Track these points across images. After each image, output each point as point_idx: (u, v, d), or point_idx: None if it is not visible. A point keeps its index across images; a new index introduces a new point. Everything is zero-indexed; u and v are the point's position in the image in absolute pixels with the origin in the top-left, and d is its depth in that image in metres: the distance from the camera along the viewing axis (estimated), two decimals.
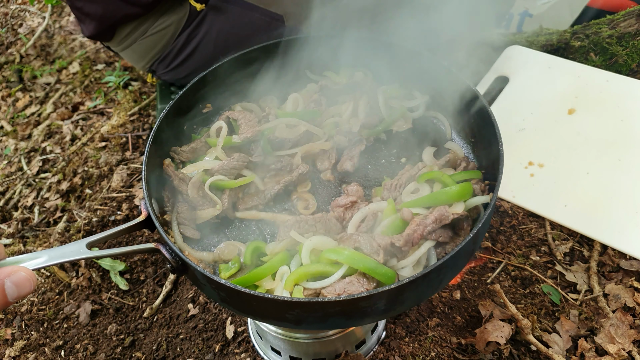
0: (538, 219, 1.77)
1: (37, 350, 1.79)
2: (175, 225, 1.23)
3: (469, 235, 0.93)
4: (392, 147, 1.39)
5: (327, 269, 1.05)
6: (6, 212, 2.36)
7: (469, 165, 1.21)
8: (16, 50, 3.29)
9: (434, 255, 1.07)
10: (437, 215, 1.03)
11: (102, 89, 2.83)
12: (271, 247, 1.14)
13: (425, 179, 1.17)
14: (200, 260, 1.18)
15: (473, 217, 1.10)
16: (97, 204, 2.18)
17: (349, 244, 1.07)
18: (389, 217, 1.12)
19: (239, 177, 1.29)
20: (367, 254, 1.03)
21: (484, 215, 0.98)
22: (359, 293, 0.92)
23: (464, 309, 1.64)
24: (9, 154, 2.64)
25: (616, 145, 1.77)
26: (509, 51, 2.08)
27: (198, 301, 1.78)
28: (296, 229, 1.13)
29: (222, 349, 1.66)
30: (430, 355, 1.53)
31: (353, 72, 1.47)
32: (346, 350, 1.52)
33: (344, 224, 1.17)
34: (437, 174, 1.14)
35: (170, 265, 1.05)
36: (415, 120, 1.42)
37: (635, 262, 1.64)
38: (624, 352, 1.47)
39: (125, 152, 2.41)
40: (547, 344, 1.52)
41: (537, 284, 1.65)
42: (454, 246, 0.94)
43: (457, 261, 0.98)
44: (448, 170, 1.22)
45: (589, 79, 1.94)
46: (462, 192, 1.08)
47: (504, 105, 1.94)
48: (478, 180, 1.15)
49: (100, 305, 1.86)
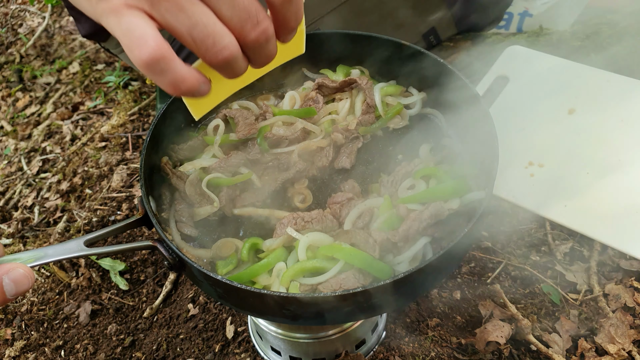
0: (538, 219, 1.76)
1: (37, 350, 1.79)
2: (173, 223, 1.24)
3: (464, 231, 0.94)
4: (389, 144, 1.39)
5: (324, 265, 1.05)
6: (6, 212, 2.36)
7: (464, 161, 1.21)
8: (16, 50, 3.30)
9: (430, 251, 1.07)
10: (433, 211, 1.04)
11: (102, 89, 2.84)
12: (268, 243, 1.14)
13: (421, 175, 1.17)
14: (197, 257, 1.19)
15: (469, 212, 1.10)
16: (97, 204, 2.19)
17: (346, 240, 1.07)
18: (385, 213, 1.12)
19: (236, 174, 1.29)
20: (363, 250, 1.04)
21: (480, 210, 0.98)
22: (355, 288, 0.92)
23: (464, 309, 1.63)
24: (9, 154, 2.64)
25: (616, 145, 1.77)
26: (509, 51, 2.08)
27: (198, 301, 1.78)
28: (293, 225, 1.13)
29: (222, 349, 1.66)
30: (430, 355, 1.53)
31: (349, 70, 1.47)
32: (346, 350, 1.51)
33: (341, 220, 1.17)
34: (433, 170, 1.15)
35: (168, 262, 1.05)
36: (411, 117, 1.42)
37: (635, 262, 1.63)
38: (624, 352, 1.46)
39: (125, 152, 2.41)
40: (547, 344, 1.51)
41: (537, 284, 1.65)
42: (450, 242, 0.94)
43: (452, 256, 0.99)
44: (444, 167, 1.22)
45: (589, 79, 1.93)
46: (457, 187, 1.09)
47: (504, 105, 1.94)
48: (474, 176, 1.15)
49: (100, 305, 1.86)
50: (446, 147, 1.30)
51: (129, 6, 0.67)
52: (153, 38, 0.66)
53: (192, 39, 0.68)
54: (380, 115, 1.40)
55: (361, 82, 1.39)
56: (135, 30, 0.66)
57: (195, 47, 0.70)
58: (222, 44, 0.70)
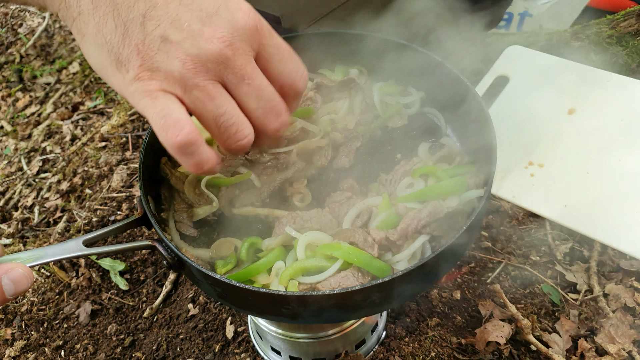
0: (538, 219, 1.76)
1: (37, 350, 1.79)
2: (172, 223, 1.24)
3: (462, 228, 0.94)
4: (388, 143, 1.39)
5: (323, 264, 1.05)
6: (6, 212, 2.36)
7: (463, 160, 1.21)
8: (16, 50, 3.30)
9: (428, 249, 1.07)
10: (432, 210, 1.04)
11: (102, 89, 2.84)
12: (267, 242, 1.14)
13: (419, 173, 1.17)
14: (196, 257, 1.19)
15: (467, 211, 1.11)
16: (97, 204, 2.19)
17: (344, 239, 1.07)
18: (384, 211, 1.13)
19: (235, 174, 1.30)
20: (362, 249, 1.04)
21: (478, 208, 0.98)
22: (353, 286, 0.92)
23: (464, 309, 1.63)
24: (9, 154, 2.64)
25: (616, 145, 1.76)
26: (509, 51, 2.08)
27: (198, 301, 1.78)
28: (291, 224, 1.14)
29: (222, 349, 1.66)
30: (430, 355, 1.53)
31: (348, 70, 1.47)
32: (346, 350, 1.51)
33: (340, 219, 1.17)
34: (431, 168, 1.15)
35: (167, 262, 1.06)
36: (410, 117, 1.42)
37: (635, 262, 1.63)
38: (624, 352, 1.46)
39: (125, 152, 2.41)
40: (547, 344, 1.51)
41: (537, 284, 1.65)
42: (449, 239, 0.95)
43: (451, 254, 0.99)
44: (443, 165, 1.23)
45: (589, 79, 1.93)
46: (456, 186, 1.09)
47: (504, 105, 1.94)
48: (472, 174, 1.15)
49: (100, 305, 1.86)
50: (445, 146, 1.30)
51: (165, 91, 0.72)
52: (188, 123, 0.72)
53: (217, 126, 0.75)
54: (379, 115, 1.40)
55: (360, 81, 1.39)
56: (171, 114, 0.71)
57: (218, 133, 0.77)
58: (245, 134, 0.77)
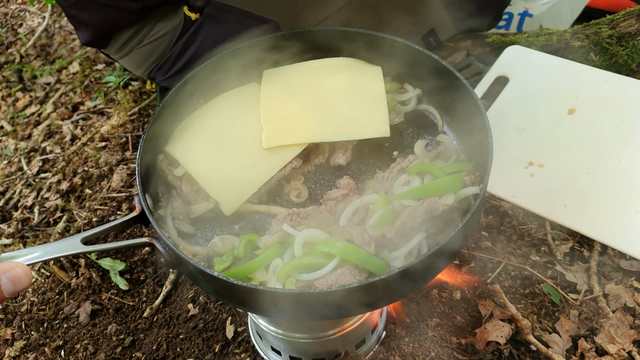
0: (538, 219, 1.76)
1: (37, 350, 1.79)
2: (170, 220, 1.24)
3: (458, 226, 0.94)
4: (384, 140, 1.39)
5: (320, 261, 1.06)
6: (6, 212, 2.37)
7: (459, 157, 1.22)
8: (16, 50, 3.31)
9: (425, 247, 1.07)
10: (428, 207, 1.04)
11: (102, 89, 2.84)
12: (264, 240, 1.15)
13: (416, 171, 1.18)
14: (194, 254, 1.19)
15: (464, 208, 1.11)
16: (97, 204, 2.19)
17: (341, 236, 1.08)
18: (381, 209, 1.13)
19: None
20: (359, 246, 1.04)
21: (474, 205, 0.98)
22: (350, 284, 0.92)
23: (464, 309, 1.63)
24: (9, 154, 2.65)
25: (616, 145, 1.77)
26: (509, 51, 2.08)
27: (198, 301, 1.78)
28: (289, 222, 1.14)
29: (222, 349, 1.65)
30: (430, 355, 1.52)
31: None
32: (346, 350, 1.51)
33: (336, 216, 1.17)
34: (427, 166, 1.15)
35: (165, 259, 1.06)
36: (407, 114, 1.43)
37: (635, 262, 1.63)
38: (624, 352, 1.46)
39: (125, 152, 2.41)
40: (547, 344, 1.51)
41: (537, 284, 1.64)
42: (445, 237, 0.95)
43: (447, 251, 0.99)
44: (439, 163, 1.23)
45: (589, 79, 1.93)
46: (452, 183, 1.09)
47: (504, 105, 1.94)
48: (468, 172, 1.16)
49: (100, 305, 1.86)
50: (441, 144, 1.31)
51: None
52: None
53: None
54: None
55: None
56: None
57: None
58: None
